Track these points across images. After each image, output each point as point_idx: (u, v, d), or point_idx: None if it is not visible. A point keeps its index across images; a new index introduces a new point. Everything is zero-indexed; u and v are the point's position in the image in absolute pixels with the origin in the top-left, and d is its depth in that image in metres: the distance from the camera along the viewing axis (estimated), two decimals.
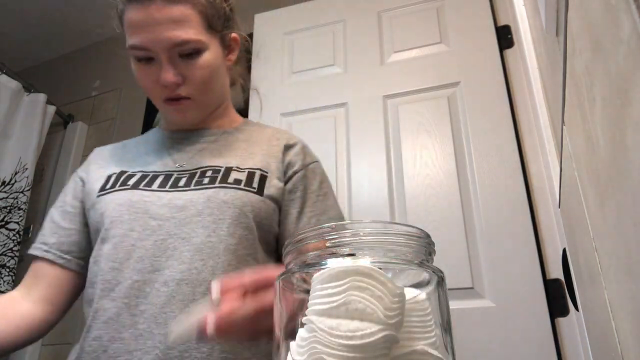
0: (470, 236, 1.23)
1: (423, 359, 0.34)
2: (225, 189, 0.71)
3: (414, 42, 1.54)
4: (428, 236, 0.39)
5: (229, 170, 0.74)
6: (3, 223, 1.81)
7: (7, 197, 1.84)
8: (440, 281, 0.38)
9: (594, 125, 0.37)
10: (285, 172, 0.78)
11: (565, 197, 0.77)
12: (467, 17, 1.50)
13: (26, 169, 1.91)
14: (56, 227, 0.78)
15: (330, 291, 0.33)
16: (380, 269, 0.33)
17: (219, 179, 0.73)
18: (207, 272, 0.65)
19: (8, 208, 1.83)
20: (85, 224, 0.78)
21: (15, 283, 1.79)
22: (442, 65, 1.46)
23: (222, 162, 0.76)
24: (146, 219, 0.69)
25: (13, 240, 1.81)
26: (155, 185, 0.73)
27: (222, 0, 0.79)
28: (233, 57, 0.85)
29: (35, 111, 2.00)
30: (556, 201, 1.01)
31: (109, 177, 0.77)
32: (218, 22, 0.78)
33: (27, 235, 1.99)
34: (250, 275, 0.50)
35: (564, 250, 1.01)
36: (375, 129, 1.46)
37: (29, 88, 2.05)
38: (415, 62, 1.51)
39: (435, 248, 0.40)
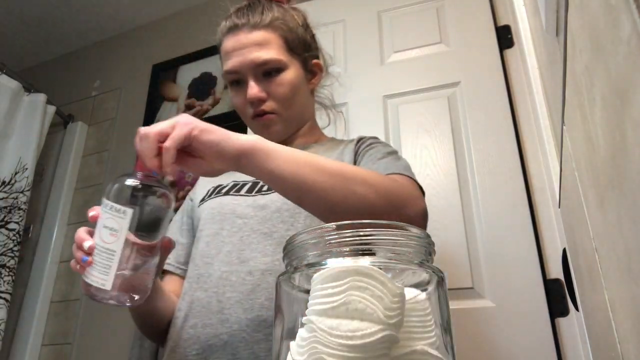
0: (470, 236, 1.23)
1: (423, 359, 0.34)
2: None
3: (414, 42, 1.54)
4: (428, 236, 0.39)
5: None
6: (3, 223, 1.81)
7: (7, 197, 1.84)
8: (440, 281, 0.38)
9: (594, 125, 0.37)
10: (356, 152, 0.84)
11: (565, 197, 0.77)
12: (467, 17, 1.50)
13: (26, 169, 1.91)
14: (175, 243, 0.85)
15: (330, 291, 0.33)
16: (380, 269, 0.33)
17: None
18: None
19: (8, 208, 1.83)
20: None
21: (15, 283, 1.79)
22: (442, 65, 1.46)
23: None
24: (233, 218, 0.78)
25: (13, 240, 1.81)
26: (243, 191, 0.82)
27: (302, 28, 0.91)
28: (316, 81, 0.95)
29: (35, 111, 2.00)
30: (556, 201, 1.01)
31: (209, 190, 0.88)
32: (298, 46, 0.88)
33: (27, 235, 1.98)
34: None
35: (564, 250, 1.01)
36: (375, 129, 1.46)
37: (29, 88, 2.05)
38: (415, 62, 1.51)
39: (435, 248, 0.40)
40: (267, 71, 0.83)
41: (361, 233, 0.37)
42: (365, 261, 0.35)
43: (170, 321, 0.77)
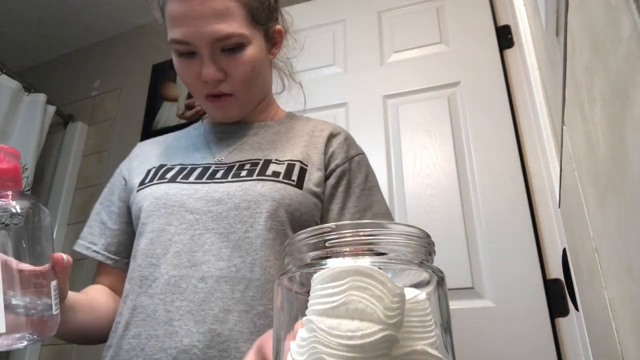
0: (470, 236, 1.23)
1: (423, 359, 0.34)
2: (263, 181, 0.68)
3: (414, 42, 1.54)
4: (428, 236, 0.39)
5: (267, 162, 0.72)
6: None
7: None
8: (440, 281, 0.38)
9: (594, 125, 0.37)
10: (327, 165, 0.74)
11: (565, 197, 0.77)
12: (467, 17, 1.50)
13: (26, 169, 1.91)
14: (105, 228, 0.78)
15: (330, 291, 0.33)
16: (380, 269, 0.33)
17: (256, 171, 0.70)
18: (246, 269, 0.63)
19: None
20: (131, 223, 0.78)
21: None
22: (442, 65, 1.46)
23: (261, 155, 0.74)
24: (183, 212, 0.68)
25: None
26: (192, 178, 0.72)
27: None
28: (277, 50, 0.83)
29: (35, 111, 2.00)
30: (556, 201, 1.01)
31: (149, 171, 0.77)
32: (262, 15, 0.75)
33: None
34: None
35: (564, 250, 1.01)
36: (375, 129, 1.46)
37: (29, 88, 2.05)
38: (415, 62, 1.51)
39: (435, 248, 0.40)
40: (227, 46, 0.70)
41: (361, 233, 0.37)
42: (365, 261, 0.35)
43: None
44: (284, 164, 0.72)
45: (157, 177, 0.74)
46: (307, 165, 0.72)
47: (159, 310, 0.62)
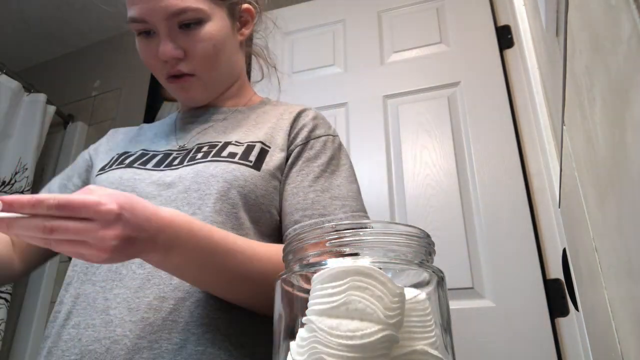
0: (470, 236, 1.23)
1: (423, 359, 0.34)
2: (216, 162, 0.65)
3: (414, 42, 1.54)
4: (428, 236, 0.39)
5: (226, 144, 0.68)
6: None
7: None
8: (440, 281, 0.38)
9: (594, 125, 0.37)
10: (289, 145, 0.70)
11: (565, 197, 0.77)
12: (467, 17, 1.50)
13: (26, 169, 1.91)
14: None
15: (330, 291, 0.33)
16: (380, 269, 0.33)
17: (212, 153, 0.67)
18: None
19: None
20: None
21: (15, 283, 1.79)
22: (442, 65, 1.46)
23: (222, 139, 0.70)
24: None
25: None
26: (150, 165, 0.69)
27: None
28: (247, 31, 0.79)
29: (35, 111, 2.00)
30: (556, 201, 1.01)
31: (112, 158, 0.74)
32: None
33: None
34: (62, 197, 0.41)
35: (564, 250, 1.01)
36: (375, 129, 1.46)
37: (29, 88, 2.05)
38: (415, 62, 1.51)
39: (435, 248, 0.40)
40: (184, 23, 0.67)
41: (361, 233, 0.37)
42: (365, 261, 0.35)
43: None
44: (243, 145, 0.68)
45: (116, 163, 0.71)
46: (269, 147, 0.68)
47: (99, 299, 0.58)
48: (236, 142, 0.69)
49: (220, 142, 0.69)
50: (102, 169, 0.72)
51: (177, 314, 0.57)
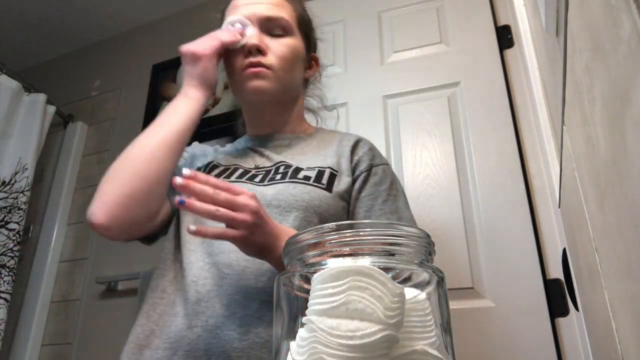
0: (470, 236, 1.23)
1: (423, 359, 0.34)
2: (295, 183, 0.74)
3: (414, 42, 1.54)
4: (428, 236, 0.39)
5: (298, 169, 0.78)
6: (3, 223, 1.81)
7: (7, 197, 1.84)
8: (440, 281, 0.38)
9: (594, 125, 0.37)
10: (353, 171, 0.81)
11: (565, 197, 0.77)
12: (467, 17, 1.50)
13: (26, 169, 1.91)
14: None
15: (330, 291, 0.33)
16: (380, 268, 0.33)
17: (289, 174, 0.77)
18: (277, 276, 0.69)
19: (8, 208, 1.83)
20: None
21: (15, 283, 1.79)
22: (442, 65, 1.46)
23: (292, 162, 0.81)
24: None
25: (13, 240, 1.81)
26: (234, 177, 0.79)
27: (310, 21, 0.94)
28: (311, 73, 0.95)
29: (35, 111, 2.00)
30: (556, 201, 1.01)
31: (199, 169, 0.85)
32: (306, 29, 0.90)
33: (27, 236, 1.98)
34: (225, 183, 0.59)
35: (564, 250, 1.01)
36: (375, 129, 1.46)
37: (29, 88, 2.05)
38: (415, 62, 1.51)
39: (435, 248, 0.40)
40: (274, 30, 0.83)
41: (361, 233, 0.37)
42: (365, 261, 0.35)
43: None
44: (314, 169, 0.78)
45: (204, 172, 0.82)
46: (337, 172, 0.79)
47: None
48: (307, 167, 0.79)
49: (293, 165, 0.80)
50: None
51: (262, 313, 0.68)
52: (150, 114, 2.06)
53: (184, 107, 0.77)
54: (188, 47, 0.79)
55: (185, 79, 0.80)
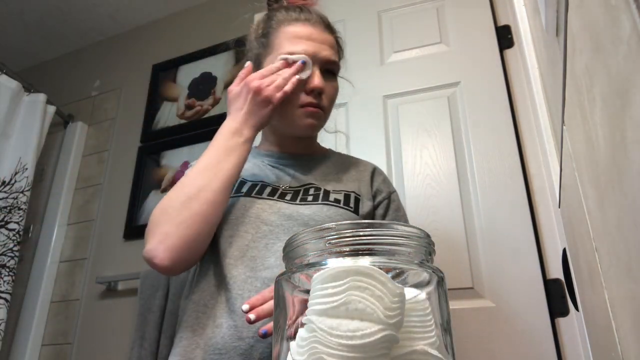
0: (470, 236, 1.23)
1: (423, 359, 0.34)
2: (328, 205, 0.79)
3: (414, 42, 1.54)
4: (428, 236, 0.39)
5: (327, 192, 0.84)
6: (3, 223, 1.81)
7: (7, 197, 1.84)
8: (440, 281, 0.38)
9: (594, 125, 0.37)
10: (374, 197, 0.89)
11: (565, 197, 0.77)
12: (467, 17, 1.50)
13: (26, 169, 1.91)
14: None
15: (330, 291, 0.33)
16: (380, 269, 0.33)
17: (321, 196, 0.82)
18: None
19: (8, 208, 1.83)
20: None
21: (15, 283, 1.79)
22: (442, 65, 1.46)
23: (321, 185, 0.86)
24: (258, 223, 0.77)
25: (13, 240, 1.81)
26: (264, 194, 0.82)
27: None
28: None
29: (35, 111, 2.00)
30: (556, 201, 1.01)
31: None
32: (340, 66, 0.93)
33: (27, 235, 1.98)
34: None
35: (564, 250, 1.01)
36: (375, 129, 1.46)
37: (29, 88, 2.05)
38: (415, 62, 1.51)
39: (435, 248, 0.40)
40: (329, 71, 0.87)
41: (361, 233, 0.37)
42: (365, 261, 0.35)
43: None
44: (341, 193, 0.84)
45: (235, 190, 0.83)
46: (360, 196, 0.85)
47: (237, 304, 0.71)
48: (334, 190, 0.84)
49: (321, 187, 0.85)
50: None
51: None
52: (150, 114, 2.06)
53: (240, 149, 0.77)
54: (260, 85, 0.78)
55: (244, 112, 0.79)
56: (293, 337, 0.36)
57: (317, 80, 0.82)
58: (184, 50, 2.10)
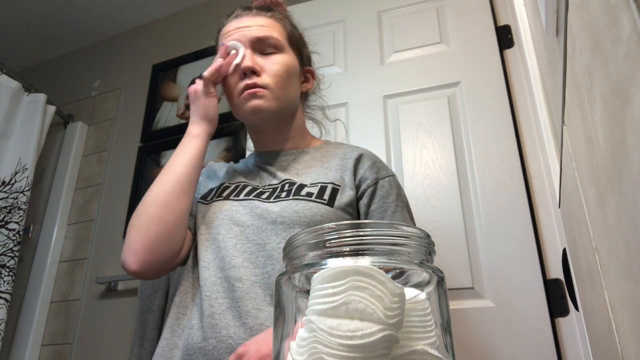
0: (470, 236, 1.23)
1: (423, 359, 0.34)
2: (297, 200, 0.78)
3: (414, 42, 1.54)
4: (428, 236, 0.39)
5: (302, 186, 0.82)
6: (3, 223, 1.81)
7: (7, 197, 1.84)
8: (440, 281, 0.38)
9: (594, 125, 0.37)
10: (358, 186, 0.84)
11: (565, 197, 0.77)
12: (467, 17, 1.50)
13: (26, 169, 1.91)
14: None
15: (330, 291, 0.33)
16: (380, 269, 0.33)
17: (293, 192, 0.81)
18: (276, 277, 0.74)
19: (8, 208, 1.83)
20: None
21: (15, 283, 1.79)
22: (442, 65, 1.46)
23: (298, 179, 0.84)
24: (231, 224, 0.79)
25: (13, 240, 1.81)
26: (242, 195, 0.83)
27: (302, 39, 0.95)
28: (308, 86, 0.97)
29: (35, 111, 2.00)
30: (556, 201, 1.01)
31: (211, 190, 0.89)
32: (297, 44, 0.92)
33: (27, 235, 1.98)
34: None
35: (564, 250, 1.01)
36: (375, 129, 1.46)
37: (29, 88, 2.05)
38: (415, 62, 1.51)
39: (435, 248, 0.40)
40: (266, 49, 0.85)
41: (361, 233, 0.37)
42: (365, 261, 0.35)
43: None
44: (317, 186, 0.82)
45: (216, 195, 0.86)
46: (339, 186, 0.82)
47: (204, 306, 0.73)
48: (311, 184, 0.82)
49: (297, 182, 0.83)
50: (205, 198, 0.87)
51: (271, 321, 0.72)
52: (150, 114, 2.06)
53: (187, 146, 0.82)
54: (190, 87, 0.85)
55: (190, 114, 0.86)
56: (293, 337, 0.36)
57: (244, 61, 0.83)
58: (184, 50, 2.11)
